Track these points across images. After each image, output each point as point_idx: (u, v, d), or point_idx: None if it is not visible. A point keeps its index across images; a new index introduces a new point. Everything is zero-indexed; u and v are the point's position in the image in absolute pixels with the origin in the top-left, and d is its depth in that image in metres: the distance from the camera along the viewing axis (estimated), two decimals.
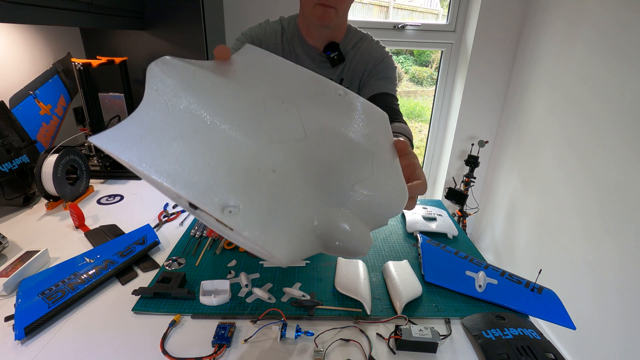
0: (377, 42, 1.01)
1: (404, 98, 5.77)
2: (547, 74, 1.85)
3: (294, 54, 0.96)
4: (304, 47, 0.95)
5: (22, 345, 0.60)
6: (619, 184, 1.41)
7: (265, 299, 0.71)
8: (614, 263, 1.42)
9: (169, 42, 1.58)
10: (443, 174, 2.47)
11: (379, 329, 0.65)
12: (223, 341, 0.60)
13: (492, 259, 2.34)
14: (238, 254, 0.86)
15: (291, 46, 0.95)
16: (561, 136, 1.74)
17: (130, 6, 1.42)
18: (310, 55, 0.95)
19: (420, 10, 3.46)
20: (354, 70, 0.98)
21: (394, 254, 0.88)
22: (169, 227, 0.99)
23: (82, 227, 0.98)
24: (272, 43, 0.95)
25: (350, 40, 0.98)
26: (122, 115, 1.51)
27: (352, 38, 0.98)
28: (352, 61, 0.98)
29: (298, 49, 0.96)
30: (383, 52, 1.00)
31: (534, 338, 0.61)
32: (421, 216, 1.03)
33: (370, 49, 0.99)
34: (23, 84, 1.30)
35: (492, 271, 0.79)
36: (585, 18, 1.60)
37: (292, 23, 0.97)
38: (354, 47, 0.98)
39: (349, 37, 0.98)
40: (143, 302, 0.69)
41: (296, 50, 0.96)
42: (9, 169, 1.04)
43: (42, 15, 1.00)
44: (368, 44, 0.99)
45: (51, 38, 1.44)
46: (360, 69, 0.99)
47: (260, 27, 0.96)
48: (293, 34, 0.96)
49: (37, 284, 0.72)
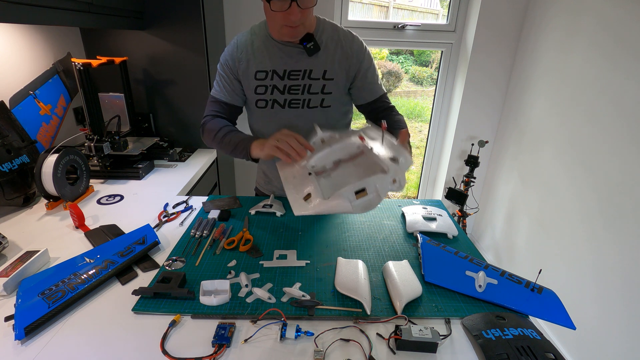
0: (350, 32, 1.03)
1: (404, 98, 5.78)
2: (547, 74, 1.85)
3: (268, 54, 0.99)
4: (278, 44, 0.98)
5: (22, 345, 0.60)
6: (620, 183, 1.41)
7: (265, 299, 0.71)
8: (615, 262, 1.42)
9: (169, 42, 1.58)
10: (443, 174, 2.47)
11: (379, 329, 0.65)
12: (223, 341, 0.60)
13: (492, 259, 2.34)
14: (238, 254, 0.86)
15: (264, 48, 0.99)
16: (561, 136, 1.74)
17: (130, 6, 1.42)
18: (286, 51, 0.98)
19: (420, 10, 3.47)
20: (338, 62, 1.00)
21: (394, 254, 0.88)
22: (169, 227, 0.99)
23: (82, 227, 0.98)
24: (244, 54, 1.00)
25: (324, 30, 1.00)
26: (122, 115, 1.51)
27: (325, 28, 1.00)
28: (333, 54, 0.99)
29: (272, 48, 0.99)
30: (360, 43, 1.02)
31: (534, 338, 0.61)
32: (421, 216, 1.02)
33: (347, 39, 1.01)
34: (23, 84, 1.30)
35: (492, 271, 0.79)
36: (585, 20, 1.60)
37: (263, 26, 1.01)
38: (331, 38, 1.00)
39: (320, 27, 1.00)
40: (143, 302, 0.69)
41: (270, 50, 0.99)
42: (9, 169, 1.04)
43: (42, 15, 1.01)
44: (344, 35, 1.01)
45: (51, 38, 1.44)
46: (345, 62, 1.00)
47: (233, 45, 1.01)
48: (265, 37, 0.99)
49: (37, 284, 0.72)
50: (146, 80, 1.65)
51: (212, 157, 1.71)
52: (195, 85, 1.65)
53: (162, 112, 1.71)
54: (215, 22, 1.78)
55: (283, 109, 1.02)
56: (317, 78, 0.99)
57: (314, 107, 1.02)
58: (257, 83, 1.00)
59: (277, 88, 0.99)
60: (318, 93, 1.01)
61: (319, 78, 0.99)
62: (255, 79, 0.99)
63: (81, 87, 1.26)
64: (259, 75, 0.99)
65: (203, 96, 1.67)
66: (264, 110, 1.03)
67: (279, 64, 0.98)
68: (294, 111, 1.02)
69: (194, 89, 1.66)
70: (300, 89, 1.00)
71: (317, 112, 1.03)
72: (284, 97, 1.00)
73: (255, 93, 1.01)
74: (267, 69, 0.98)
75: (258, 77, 0.99)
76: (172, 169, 1.46)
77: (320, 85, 1.00)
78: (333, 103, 1.04)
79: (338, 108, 1.07)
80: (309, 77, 0.99)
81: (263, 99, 1.01)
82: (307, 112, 1.03)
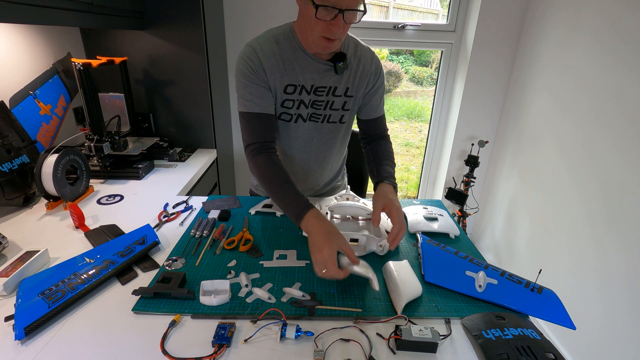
0: (369, 48, 1.03)
1: (404, 98, 5.77)
2: (547, 73, 1.85)
3: (299, 67, 0.95)
4: (307, 59, 0.95)
5: (22, 345, 0.60)
6: (623, 180, 1.40)
7: (265, 299, 0.71)
8: (618, 262, 1.42)
9: (169, 42, 1.58)
10: (443, 174, 2.47)
11: (379, 329, 0.65)
12: (223, 341, 0.60)
13: (492, 259, 2.34)
14: (238, 254, 0.86)
15: (294, 60, 0.94)
16: (563, 134, 1.74)
17: (130, 6, 1.42)
18: (316, 66, 0.96)
19: (420, 10, 3.47)
20: (359, 79, 1.00)
21: (394, 254, 0.88)
22: (169, 227, 0.99)
23: (82, 227, 0.98)
24: (274, 65, 0.93)
25: (348, 47, 0.99)
26: (122, 115, 1.51)
27: (349, 45, 1.00)
28: (356, 71, 1.00)
29: (302, 62, 0.95)
30: (378, 62, 1.03)
31: (534, 338, 0.61)
32: (422, 216, 1.03)
33: (367, 58, 1.01)
34: (23, 84, 1.30)
35: (492, 271, 0.79)
36: (587, 15, 1.60)
37: (289, 35, 0.95)
38: (354, 55, 1.00)
39: (346, 43, 0.99)
40: (143, 302, 0.69)
41: (301, 64, 0.95)
42: (9, 169, 1.04)
43: (42, 15, 1.00)
44: (364, 52, 1.01)
45: (51, 38, 1.44)
46: (364, 80, 1.01)
47: (255, 53, 0.92)
48: (294, 47, 0.94)
49: (37, 284, 0.72)
50: (146, 80, 1.65)
51: (212, 157, 1.71)
52: (195, 85, 1.65)
53: (162, 112, 1.71)
54: (215, 22, 1.78)
55: (304, 123, 1.01)
56: (340, 95, 1.00)
57: (332, 122, 1.03)
58: (285, 97, 0.96)
59: (304, 103, 0.98)
60: (339, 109, 1.01)
61: (341, 95, 1.00)
62: (284, 92, 0.96)
63: (81, 87, 1.26)
64: (288, 89, 0.96)
65: (203, 96, 1.67)
66: (286, 123, 1.01)
67: (308, 79, 0.95)
68: (313, 124, 1.02)
69: (194, 89, 1.66)
70: (324, 105, 0.99)
71: (334, 127, 1.05)
72: (307, 112, 1.00)
73: (282, 106, 0.98)
74: (297, 84, 0.95)
75: (288, 90, 0.96)
76: (172, 169, 1.46)
77: (342, 102, 1.01)
78: (348, 120, 1.06)
79: (349, 124, 1.10)
80: (333, 94, 0.99)
81: (289, 113, 0.99)
82: (325, 127, 1.03)
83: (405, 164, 4.30)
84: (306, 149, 1.06)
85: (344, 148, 1.17)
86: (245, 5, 1.95)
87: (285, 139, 1.04)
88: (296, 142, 1.04)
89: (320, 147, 1.07)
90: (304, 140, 1.04)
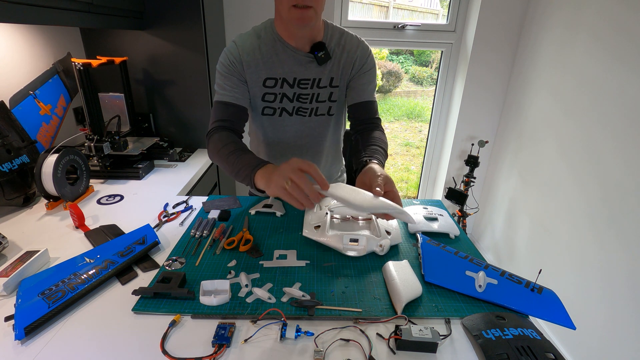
0: (357, 37, 1.02)
1: (404, 98, 5.77)
2: (547, 73, 1.85)
3: (278, 60, 0.95)
4: (287, 51, 0.95)
5: (22, 345, 0.60)
6: (624, 180, 1.40)
7: (265, 299, 0.71)
8: (619, 261, 1.42)
9: (169, 42, 1.58)
10: (443, 174, 2.47)
11: (379, 329, 0.65)
12: (223, 341, 0.60)
13: (492, 259, 2.34)
14: (238, 254, 0.86)
15: (274, 54, 0.95)
16: (563, 133, 1.74)
17: (130, 6, 1.42)
18: (296, 58, 0.95)
19: (420, 10, 3.47)
20: (342, 68, 0.99)
21: (394, 254, 0.88)
22: (169, 227, 0.99)
23: (82, 227, 0.98)
24: (252, 59, 0.94)
25: (332, 36, 0.98)
26: (122, 115, 1.51)
27: (333, 35, 0.99)
28: (339, 60, 0.99)
29: (282, 54, 0.95)
30: (365, 47, 1.01)
31: (534, 338, 0.61)
32: (422, 216, 1.02)
33: (353, 45, 1.00)
34: (23, 84, 1.30)
35: (492, 271, 0.79)
36: (587, 14, 1.60)
37: (269, 30, 0.96)
38: (338, 44, 0.99)
39: (328, 33, 0.98)
40: (143, 302, 0.69)
41: (280, 57, 0.95)
42: (9, 169, 1.04)
43: (42, 15, 1.00)
44: (350, 40, 1.00)
45: (51, 38, 1.44)
46: (349, 67, 1.00)
47: (236, 47, 0.94)
48: (273, 40, 0.95)
49: (37, 284, 0.72)
50: (146, 80, 1.65)
51: None
52: (195, 85, 1.65)
53: (162, 112, 1.71)
54: (215, 22, 1.78)
55: (290, 117, 1.01)
56: (325, 86, 0.99)
57: (321, 115, 1.02)
58: (265, 90, 0.97)
59: (287, 96, 0.97)
60: (325, 101, 1.01)
61: (326, 86, 0.99)
62: (264, 86, 0.96)
63: (81, 87, 1.26)
64: (268, 83, 0.96)
65: (203, 96, 1.67)
66: (270, 118, 1.01)
67: (289, 72, 0.95)
68: (300, 119, 1.01)
69: (194, 89, 1.66)
70: (309, 97, 0.99)
71: (323, 120, 1.04)
72: (292, 105, 0.99)
73: (263, 100, 0.98)
74: (277, 77, 0.95)
75: (267, 84, 0.96)
76: (172, 169, 1.46)
77: (328, 93, 1.00)
78: (337, 112, 1.05)
79: (340, 116, 1.09)
80: (317, 86, 0.98)
81: (271, 107, 0.99)
82: (313, 120, 1.03)
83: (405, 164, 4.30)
84: (297, 144, 1.06)
85: (338, 142, 1.16)
86: (245, 6, 1.95)
87: (275, 136, 1.04)
88: (286, 137, 1.04)
89: (311, 141, 1.06)
90: (293, 136, 1.04)
